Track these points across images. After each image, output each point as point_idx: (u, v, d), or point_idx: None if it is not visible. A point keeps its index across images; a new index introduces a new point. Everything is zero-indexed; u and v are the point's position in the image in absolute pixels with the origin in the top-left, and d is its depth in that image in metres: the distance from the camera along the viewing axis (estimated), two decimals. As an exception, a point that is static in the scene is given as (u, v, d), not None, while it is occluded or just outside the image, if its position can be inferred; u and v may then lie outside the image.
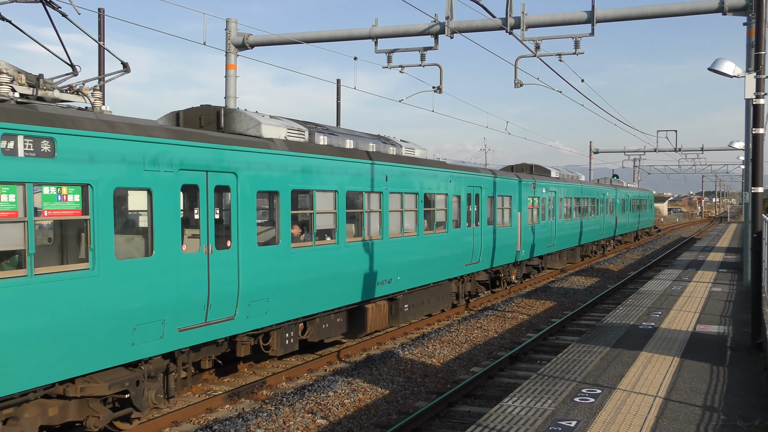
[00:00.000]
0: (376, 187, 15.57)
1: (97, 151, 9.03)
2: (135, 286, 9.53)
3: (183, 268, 10.31)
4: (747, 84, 11.90)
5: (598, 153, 64.51)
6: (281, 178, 12.53)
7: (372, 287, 15.38)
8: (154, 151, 9.95)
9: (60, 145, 8.52)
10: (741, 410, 8.33)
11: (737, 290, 18.94)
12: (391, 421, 10.98)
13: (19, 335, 8.03)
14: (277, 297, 12.31)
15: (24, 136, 8.13)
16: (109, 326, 9.14)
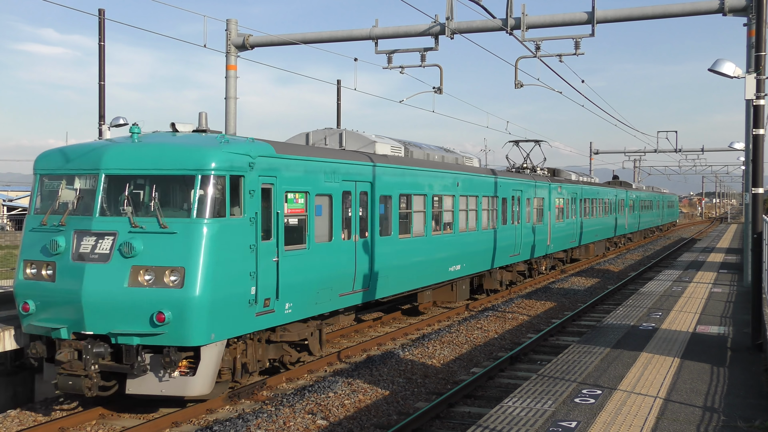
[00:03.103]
0: (450, 191, 19.31)
1: (310, 169, 13.19)
2: (323, 261, 13.37)
3: (343, 251, 14.19)
4: (747, 85, 11.90)
5: (598, 153, 64.53)
6: (393, 185, 16.28)
7: (446, 271, 19.01)
8: (331, 168, 13.80)
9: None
10: (741, 411, 8.32)
11: (737, 291, 18.93)
12: (392, 421, 10.98)
13: (294, 284, 12.40)
14: (393, 275, 16.20)
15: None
16: (319, 286, 13.25)
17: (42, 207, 11.52)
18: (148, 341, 10.44)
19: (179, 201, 10.94)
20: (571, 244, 32.19)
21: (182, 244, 10.49)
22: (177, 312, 10.30)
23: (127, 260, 10.45)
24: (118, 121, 17.35)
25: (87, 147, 11.66)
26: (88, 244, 10.67)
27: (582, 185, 34.44)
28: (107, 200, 10.93)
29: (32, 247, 11.20)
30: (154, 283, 10.41)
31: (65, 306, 10.62)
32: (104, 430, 11.00)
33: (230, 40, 22.97)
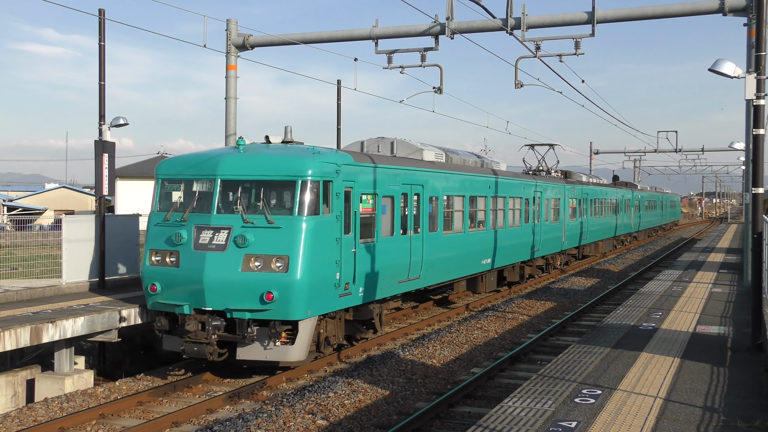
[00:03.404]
0: (483, 193, 21.49)
1: (378, 174, 15.32)
2: (386, 253, 15.56)
3: (401, 244, 16.39)
4: (747, 85, 11.89)
5: (598, 153, 64.52)
6: (439, 187, 18.37)
7: (479, 263, 21.20)
8: (393, 173, 15.99)
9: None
10: (741, 411, 8.32)
11: (737, 291, 18.92)
12: (392, 421, 10.98)
13: (366, 272, 14.69)
14: (438, 266, 18.26)
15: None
16: (382, 274, 15.38)
17: (163, 206, 13.84)
18: (257, 316, 12.67)
19: (282, 201, 13.25)
20: (583, 241, 34.19)
21: (286, 236, 12.73)
22: (282, 292, 12.51)
23: (241, 250, 12.67)
24: (118, 121, 17.31)
25: (203, 156, 14.07)
26: (206, 236, 12.92)
27: (592, 186, 36.33)
28: (222, 201, 13.19)
29: (156, 239, 13.45)
30: (263, 269, 12.62)
31: (188, 287, 12.85)
32: (104, 430, 11.01)
33: (230, 40, 22.96)
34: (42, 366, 13.78)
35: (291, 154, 13.64)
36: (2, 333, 11.77)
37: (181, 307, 12.95)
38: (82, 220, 17.42)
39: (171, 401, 12.44)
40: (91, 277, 17.03)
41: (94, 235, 16.95)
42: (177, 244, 13.06)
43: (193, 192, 13.48)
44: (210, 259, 12.69)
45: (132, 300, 15.11)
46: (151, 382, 13.63)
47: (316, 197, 13.06)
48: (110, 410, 11.60)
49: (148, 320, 14.38)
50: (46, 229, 26.12)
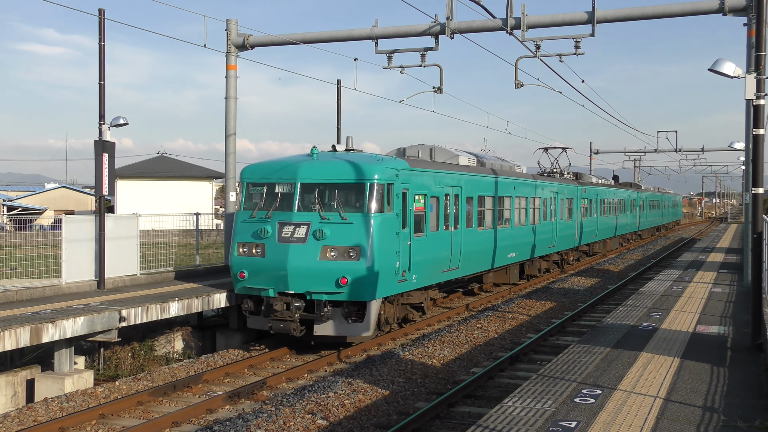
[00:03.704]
0: (508, 193, 23.60)
1: (427, 177, 17.68)
2: (433, 245, 17.78)
3: (444, 238, 18.57)
4: (747, 85, 11.88)
5: (598, 153, 64.50)
6: (473, 189, 20.63)
7: (505, 257, 23.38)
8: (439, 176, 18.29)
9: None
10: (741, 411, 8.32)
11: (737, 291, 18.92)
12: (392, 421, 10.98)
13: (418, 261, 16.76)
14: (473, 258, 20.52)
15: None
16: (430, 263, 17.56)
17: (248, 205, 16.07)
18: (332, 298, 14.91)
19: (353, 200, 15.37)
20: (593, 239, 36.47)
21: (357, 230, 14.94)
22: (354, 277, 14.74)
23: (319, 242, 14.95)
24: (118, 121, 17.30)
25: (282, 163, 16.27)
26: (289, 230, 15.16)
27: (601, 187, 38.54)
28: (302, 200, 15.38)
29: (243, 233, 15.70)
30: (337, 258, 14.88)
31: (273, 273, 15.07)
32: (104, 430, 11.01)
33: (230, 40, 22.95)
34: (42, 366, 13.79)
35: (359, 161, 15.82)
36: (2, 333, 11.77)
37: (266, 290, 15.21)
38: (82, 220, 17.42)
39: (171, 401, 12.45)
40: (91, 277, 17.04)
41: (93, 235, 16.96)
42: (263, 238, 15.34)
43: (275, 193, 15.73)
44: (293, 249, 15.00)
45: (130, 301, 15.11)
46: (151, 382, 13.64)
47: (381, 197, 15.35)
48: (110, 410, 11.61)
49: (237, 302, 16.62)
50: (46, 229, 26.12)
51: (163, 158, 59.52)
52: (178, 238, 23.65)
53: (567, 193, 30.89)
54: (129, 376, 14.34)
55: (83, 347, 15.63)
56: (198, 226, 21.02)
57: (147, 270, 18.74)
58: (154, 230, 23.45)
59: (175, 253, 21.02)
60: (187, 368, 14.66)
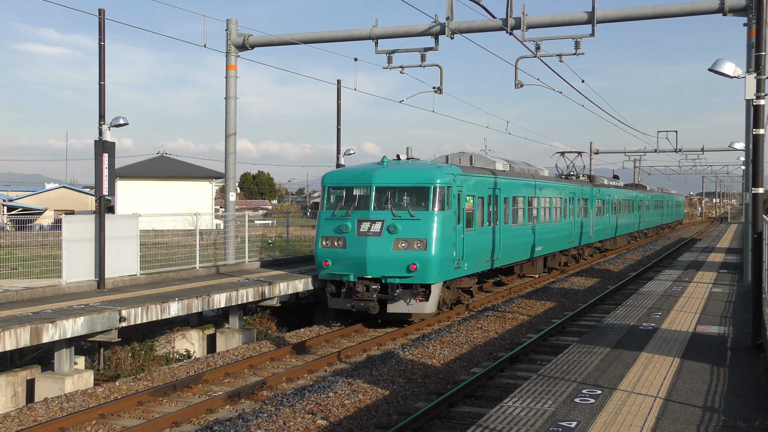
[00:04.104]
0: (536, 194, 26.57)
1: (475, 181, 20.72)
2: (480, 238, 20.77)
3: (488, 233, 21.49)
4: (747, 85, 11.88)
5: (598, 153, 64.49)
6: (508, 190, 23.50)
7: (533, 250, 26.31)
8: (483, 180, 21.32)
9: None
10: (741, 411, 8.32)
11: (737, 291, 18.91)
12: (392, 421, 10.98)
13: (469, 252, 19.69)
14: (508, 250, 23.34)
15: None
16: (477, 254, 20.58)
17: (329, 206, 18.92)
18: (403, 281, 17.75)
19: (420, 201, 18.23)
20: (605, 236, 39.34)
21: (424, 225, 17.82)
22: (422, 264, 17.60)
23: (392, 235, 17.80)
24: (118, 121, 17.29)
25: (358, 170, 19.19)
26: (366, 226, 18.00)
27: (612, 189, 41.26)
28: (377, 201, 18.21)
29: (327, 229, 18.51)
30: (407, 248, 17.70)
31: (354, 261, 17.92)
32: (104, 430, 11.01)
33: (230, 40, 22.95)
34: (42, 366, 13.78)
35: (423, 168, 18.88)
36: (2, 333, 11.77)
37: (348, 276, 17.99)
38: (82, 220, 17.42)
39: (171, 401, 12.45)
40: (91, 277, 17.04)
41: (93, 235, 16.96)
42: (344, 232, 18.16)
43: (353, 196, 18.58)
44: (370, 242, 17.85)
45: (129, 301, 15.11)
46: (151, 382, 13.64)
47: (442, 198, 18.27)
48: (110, 410, 11.60)
49: (318, 287, 19.65)
50: (46, 229, 26.11)
51: (163, 158, 59.53)
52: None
53: (583, 194, 33.71)
54: (129, 376, 14.35)
55: (83, 347, 15.63)
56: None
57: (147, 270, 18.74)
58: (154, 230, 23.45)
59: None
60: (187, 368, 14.66)
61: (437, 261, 17.79)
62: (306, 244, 26.54)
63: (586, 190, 34.47)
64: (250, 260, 22.39)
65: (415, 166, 19.12)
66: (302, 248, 25.93)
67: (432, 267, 17.73)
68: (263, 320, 19.61)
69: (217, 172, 54.24)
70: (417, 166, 19.13)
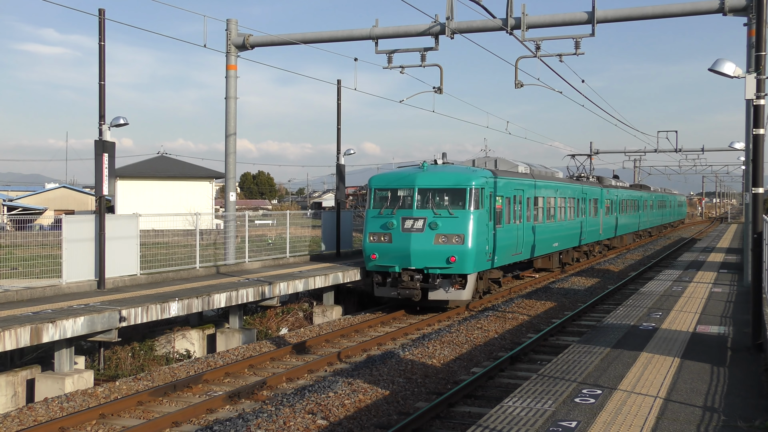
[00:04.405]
0: (553, 194, 28.67)
1: (503, 183, 22.66)
2: (507, 234, 22.81)
3: (513, 229, 23.54)
4: (747, 85, 11.88)
5: (598, 153, 64.46)
6: (530, 191, 25.65)
7: (551, 246, 28.64)
8: (510, 181, 23.29)
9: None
10: (741, 411, 8.32)
11: (738, 291, 18.91)
12: (392, 421, 10.98)
13: (498, 246, 21.79)
14: (530, 246, 25.47)
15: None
16: (505, 249, 22.63)
17: (375, 205, 21.01)
18: (443, 272, 19.76)
19: (457, 201, 20.32)
20: (613, 234, 41.40)
21: (461, 222, 19.93)
22: (459, 256, 19.67)
23: (433, 231, 19.81)
24: (118, 121, 17.29)
25: (401, 174, 21.49)
26: (410, 223, 20.02)
27: (619, 189, 43.57)
28: (419, 201, 20.32)
29: (374, 226, 20.56)
30: (446, 242, 19.74)
31: (399, 255, 19.94)
32: (104, 429, 11.01)
33: (230, 40, 22.95)
34: (42, 366, 13.79)
35: (459, 171, 21.04)
36: (2, 333, 11.77)
37: (393, 267, 20.06)
38: (82, 220, 17.42)
39: (171, 401, 12.45)
40: (92, 277, 17.04)
41: (94, 235, 16.96)
42: (390, 229, 20.21)
43: (398, 196, 20.74)
44: (413, 237, 19.87)
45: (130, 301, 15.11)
46: (151, 382, 13.64)
47: (477, 198, 20.37)
48: (110, 410, 11.60)
49: (366, 277, 22.15)
50: (46, 229, 26.12)
51: (163, 158, 59.52)
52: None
53: (593, 195, 35.97)
54: (129, 376, 14.35)
55: (83, 347, 15.64)
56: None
57: (147, 270, 18.74)
58: (154, 230, 23.45)
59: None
60: (187, 368, 14.67)
61: (473, 254, 19.96)
62: (306, 244, 26.51)
63: (595, 190, 36.48)
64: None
65: (451, 169, 21.27)
66: (304, 248, 25.92)
67: (468, 259, 19.89)
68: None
69: (217, 172, 54.23)
70: (453, 169, 21.30)
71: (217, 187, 62.22)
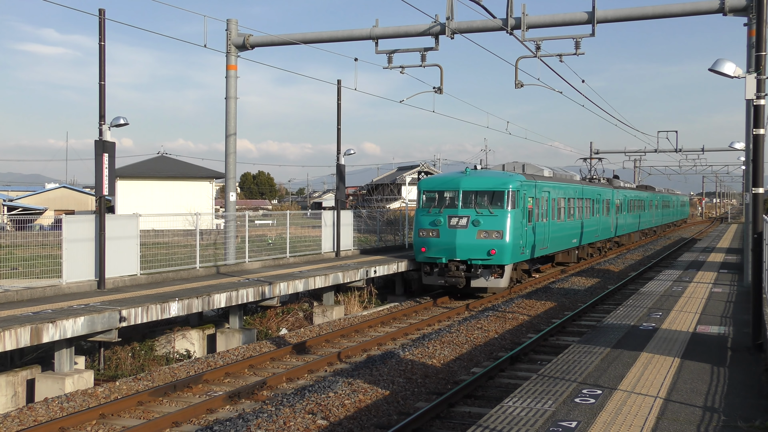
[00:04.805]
0: (572, 195, 31.32)
1: (531, 184, 25.21)
2: (537, 231, 25.32)
3: (541, 226, 26.14)
4: (747, 85, 11.88)
5: (598, 153, 64.45)
6: (554, 192, 28.27)
7: (570, 242, 31.30)
8: (537, 184, 25.67)
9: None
10: (741, 411, 8.32)
11: (738, 291, 18.91)
12: (392, 421, 10.98)
13: (529, 242, 24.78)
14: (555, 241, 28.40)
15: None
16: (535, 244, 25.28)
17: (424, 204, 23.91)
18: (484, 262, 22.41)
19: (497, 201, 22.97)
20: (623, 232, 44.49)
21: (500, 220, 22.61)
22: (499, 249, 22.32)
23: (476, 228, 22.56)
24: (118, 121, 17.29)
25: (447, 177, 24.47)
26: (455, 220, 22.78)
27: (628, 190, 46.74)
28: (463, 201, 23.08)
29: (423, 222, 23.41)
30: (487, 237, 22.46)
31: (445, 248, 22.69)
32: (104, 429, 11.01)
33: (230, 40, 22.95)
34: (42, 366, 13.78)
35: (497, 176, 23.96)
36: (2, 333, 11.77)
37: (440, 259, 22.77)
38: (82, 220, 17.42)
39: (171, 401, 12.45)
40: (92, 277, 17.04)
41: (94, 235, 16.95)
42: (437, 225, 23.04)
43: (444, 197, 23.61)
44: (459, 233, 22.68)
45: (131, 301, 15.10)
46: (151, 382, 13.64)
47: (513, 199, 23.12)
48: (110, 410, 11.60)
49: (413, 268, 24.98)
50: (47, 229, 26.12)
51: (163, 158, 59.50)
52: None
53: (606, 196, 38.92)
54: (129, 376, 14.35)
55: (83, 347, 15.63)
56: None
57: (147, 270, 18.74)
58: (155, 230, 23.45)
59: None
60: (188, 368, 14.67)
61: (510, 248, 22.68)
62: (307, 244, 26.51)
63: (607, 192, 39.43)
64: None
65: (490, 174, 24.29)
66: (304, 248, 25.92)
67: (506, 252, 22.55)
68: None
69: (217, 172, 54.22)
70: (492, 174, 24.33)
71: (217, 187, 62.20)
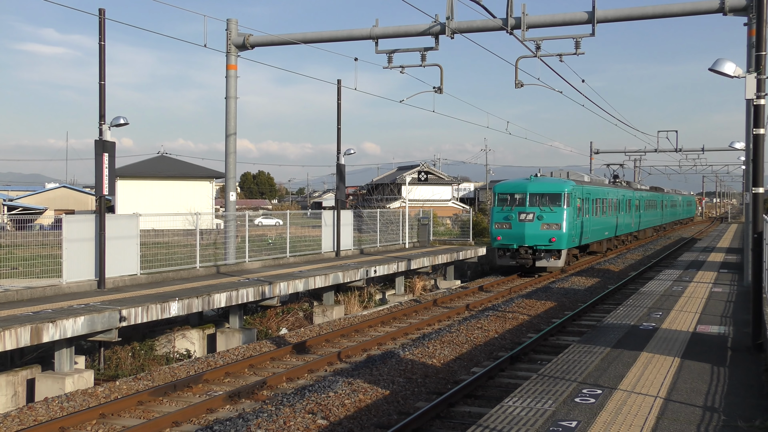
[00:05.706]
0: (602, 195, 36.53)
1: (579, 189, 32.37)
2: (581, 226, 32.18)
3: (585, 222, 32.75)
4: (747, 84, 11.87)
5: (598, 153, 64.49)
6: (593, 194, 34.23)
7: (604, 234, 37.54)
8: (583, 188, 32.98)
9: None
10: (741, 411, 8.32)
11: (738, 291, 18.91)
12: (392, 421, 10.97)
13: (577, 233, 31.91)
14: (593, 234, 34.45)
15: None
16: (581, 235, 32.54)
17: (498, 203, 30.23)
18: (546, 247, 29.00)
19: (556, 201, 29.38)
20: (639, 227, 50.28)
21: (559, 215, 29.24)
22: (558, 238, 28.96)
23: (540, 221, 29.11)
24: (118, 120, 17.30)
25: (517, 183, 30.92)
26: (523, 216, 29.15)
27: (644, 191, 52.98)
28: (530, 201, 29.41)
29: (498, 217, 29.77)
30: (548, 228, 29.03)
31: (516, 236, 29.13)
32: (104, 429, 11.01)
33: (230, 40, 22.95)
34: (42, 366, 13.78)
35: (555, 182, 30.75)
36: (2, 333, 11.77)
37: (512, 245, 29.31)
38: (82, 220, 17.42)
39: (171, 401, 12.45)
40: (92, 276, 17.04)
41: (94, 235, 16.96)
42: (509, 219, 29.40)
43: (514, 198, 29.94)
44: (527, 225, 29.11)
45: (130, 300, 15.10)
46: (151, 381, 13.64)
47: (568, 199, 29.55)
48: (110, 410, 11.60)
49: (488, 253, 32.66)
50: (47, 229, 26.12)
51: (163, 158, 59.51)
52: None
53: (628, 196, 44.91)
54: (129, 375, 14.35)
55: (83, 347, 15.63)
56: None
57: (147, 270, 18.74)
58: (155, 230, 23.46)
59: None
60: (188, 368, 14.67)
61: (566, 236, 29.34)
62: (307, 244, 26.53)
63: (628, 193, 45.66)
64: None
65: (549, 180, 31.27)
66: (304, 247, 25.92)
67: (563, 240, 29.22)
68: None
69: (217, 172, 54.23)
70: (551, 180, 31.34)
71: (217, 187, 62.21)
